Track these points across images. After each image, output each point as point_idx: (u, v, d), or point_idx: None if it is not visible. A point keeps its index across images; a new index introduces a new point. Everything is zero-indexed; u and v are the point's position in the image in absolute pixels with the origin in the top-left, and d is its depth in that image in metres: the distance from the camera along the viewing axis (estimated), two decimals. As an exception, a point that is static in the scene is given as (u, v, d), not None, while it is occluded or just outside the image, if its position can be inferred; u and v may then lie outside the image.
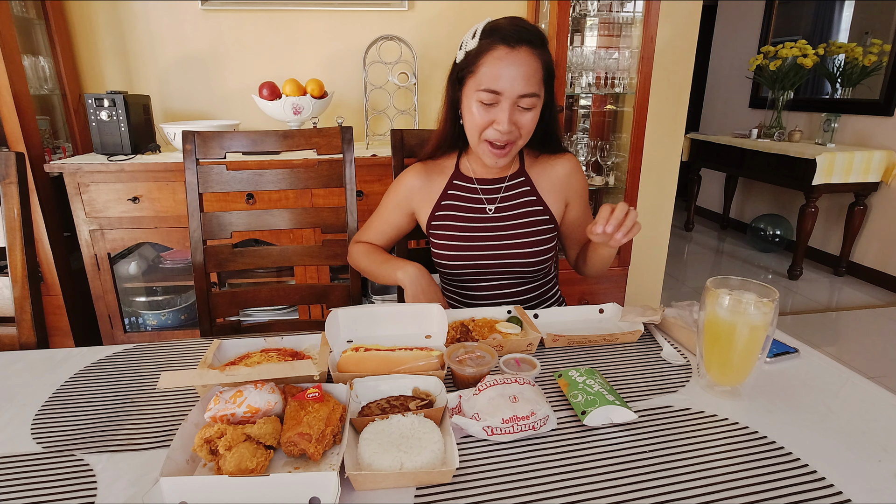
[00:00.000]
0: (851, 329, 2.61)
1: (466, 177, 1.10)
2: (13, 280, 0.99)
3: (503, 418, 0.62)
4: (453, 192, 1.10)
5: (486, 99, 0.93)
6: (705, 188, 4.61)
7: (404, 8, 2.16)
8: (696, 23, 2.27)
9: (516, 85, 0.91)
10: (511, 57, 0.91)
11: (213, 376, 0.65)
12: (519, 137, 0.98)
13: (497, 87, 0.91)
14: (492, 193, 1.09)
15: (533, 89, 0.92)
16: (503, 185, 1.09)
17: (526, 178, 1.09)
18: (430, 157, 1.13)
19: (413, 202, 1.12)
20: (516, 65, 0.90)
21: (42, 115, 1.95)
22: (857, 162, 2.94)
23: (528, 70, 0.91)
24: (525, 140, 0.99)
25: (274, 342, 0.85)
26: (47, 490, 0.56)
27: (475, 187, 1.09)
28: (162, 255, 2.13)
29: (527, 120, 0.95)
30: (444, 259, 1.09)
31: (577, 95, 2.20)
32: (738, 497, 0.54)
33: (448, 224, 1.09)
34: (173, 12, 2.08)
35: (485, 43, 0.92)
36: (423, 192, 1.11)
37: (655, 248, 2.57)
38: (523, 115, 0.95)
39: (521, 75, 0.91)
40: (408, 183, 1.12)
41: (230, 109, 2.23)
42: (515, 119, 0.94)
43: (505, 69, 0.90)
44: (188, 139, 1.14)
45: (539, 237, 1.07)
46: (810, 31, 3.57)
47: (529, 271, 1.08)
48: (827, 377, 0.77)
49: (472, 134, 0.99)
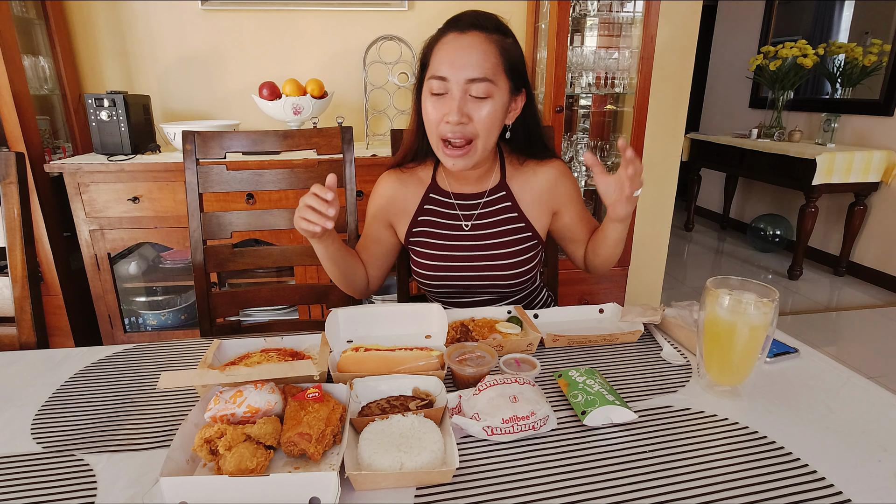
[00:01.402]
0: (851, 329, 2.61)
1: (443, 190, 1.05)
2: (13, 280, 0.99)
3: (503, 418, 0.62)
4: (430, 206, 1.05)
5: (436, 88, 0.88)
6: (705, 188, 4.61)
7: (404, 8, 2.16)
8: (696, 23, 2.27)
9: (464, 69, 0.85)
10: (459, 41, 0.87)
11: (213, 376, 0.65)
12: (476, 136, 0.90)
13: (444, 72, 0.86)
14: (469, 209, 1.04)
15: (483, 74, 0.86)
16: (481, 201, 1.03)
17: (507, 192, 1.03)
18: (399, 164, 1.08)
19: (390, 214, 1.07)
20: (463, 48, 0.86)
21: (42, 115, 1.95)
22: (857, 162, 2.94)
23: (477, 54, 0.86)
24: (486, 139, 0.91)
25: (274, 342, 0.85)
26: (47, 490, 0.56)
27: (451, 202, 1.04)
28: (162, 255, 2.13)
29: (482, 112, 0.88)
30: (422, 277, 1.06)
31: (577, 95, 2.20)
32: (738, 497, 0.54)
33: (425, 241, 1.05)
34: (173, 12, 2.08)
35: (438, 32, 0.91)
36: (399, 203, 1.06)
37: (655, 248, 2.57)
38: (477, 106, 0.88)
39: (468, 59, 0.85)
40: (382, 193, 1.06)
41: (230, 109, 2.23)
42: (467, 110, 0.87)
43: (453, 52, 0.86)
44: (188, 139, 1.14)
45: (519, 255, 1.02)
46: (810, 31, 3.57)
47: (510, 285, 1.04)
48: (827, 377, 0.77)
49: (431, 135, 0.93)
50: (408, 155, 1.06)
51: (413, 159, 1.07)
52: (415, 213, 1.06)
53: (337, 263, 0.94)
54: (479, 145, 0.92)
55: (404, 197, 1.07)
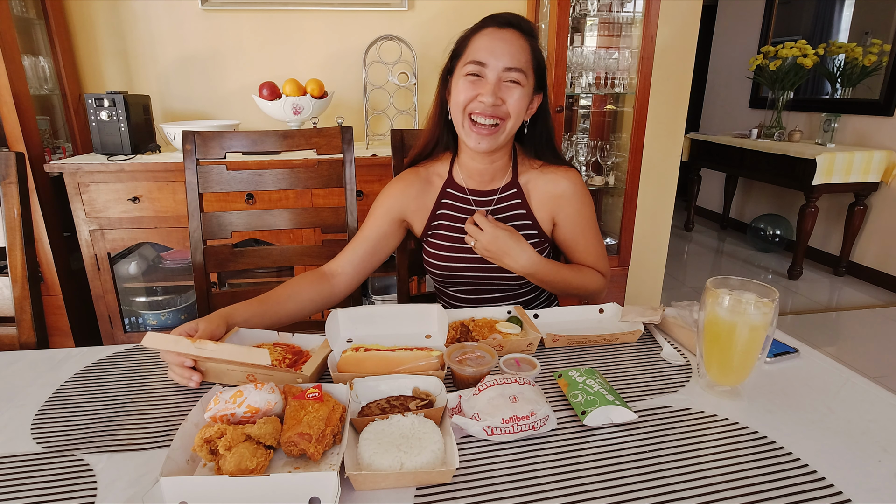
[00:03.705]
0: (851, 329, 2.61)
1: (460, 186, 1.08)
2: (13, 280, 0.99)
3: (503, 418, 0.62)
4: (447, 200, 1.08)
5: (473, 70, 0.94)
6: (705, 188, 4.61)
7: (404, 8, 2.16)
8: (696, 23, 2.27)
9: (503, 57, 0.92)
10: (499, 33, 0.93)
11: (185, 346, 0.71)
12: (507, 117, 0.95)
13: (482, 58, 0.93)
14: (483, 206, 1.07)
15: (519, 65, 0.92)
16: (495, 198, 1.06)
17: (518, 190, 1.06)
18: (417, 157, 1.11)
19: (407, 211, 1.08)
20: (503, 40, 0.93)
21: (42, 115, 1.95)
22: (857, 162, 2.94)
23: (514, 48, 0.93)
24: (513, 123, 0.96)
25: (285, 337, 0.87)
26: (47, 490, 0.56)
27: (467, 198, 1.07)
28: (162, 255, 2.13)
29: (514, 97, 0.94)
30: (434, 269, 1.09)
31: (577, 95, 2.20)
32: (738, 497, 0.54)
33: (441, 234, 1.08)
34: (173, 12, 2.08)
35: (476, 26, 0.97)
36: (418, 200, 1.08)
37: (655, 248, 2.57)
38: (510, 91, 0.93)
39: (507, 50, 0.92)
40: (400, 189, 1.08)
41: (230, 109, 2.23)
42: (501, 93, 0.93)
43: (492, 42, 0.93)
44: (188, 139, 1.14)
45: None
46: (810, 31, 3.57)
47: (519, 283, 1.08)
48: (827, 377, 0.77)
49: (457, 113, 0.97)
50: (428, 144, 1.09)
51: (432, 151, 1.10)
52: (433, 208, 1.09)
53: (277, 321, 0.93)
54: (508, 126, 0.96)
55: (423, 193, 1.09)
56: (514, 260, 0.96)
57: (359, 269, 1.05)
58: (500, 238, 0.95)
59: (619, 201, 2.19)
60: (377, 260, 1.07)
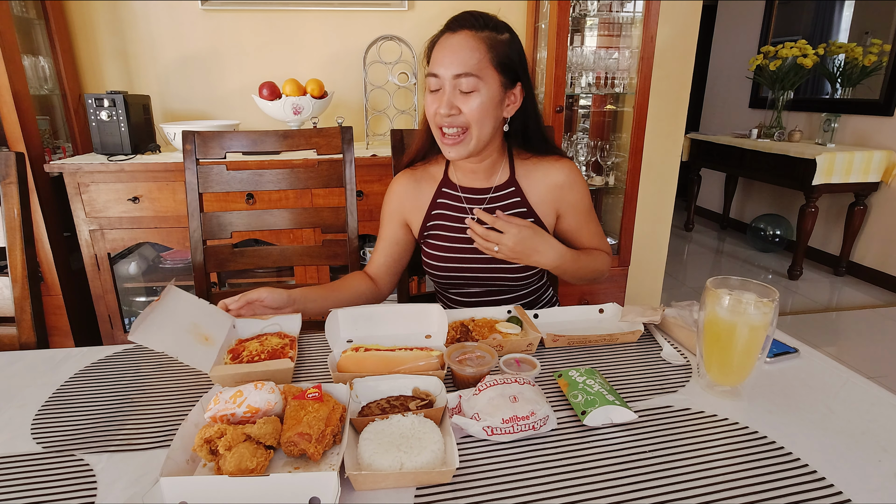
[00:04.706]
0: (851, 329, 2.61)
1: (453, 184, 1.08)
2: (13, 280, 0.99)
3: (503, 418, 0.62)
4: (442, 200, 1.08)
5: (432, 85, 0.95)
6: (705, 188, 4.61)
7: (404, 8, 2.16)
8: (696, 23, 2.27)
9: (451, 66, 0.92)
10: (449, 40, 0.93)
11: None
12: (468, 125, 0.94)
13: (435, 69, 0.94)
14: (476, 203, 1.06)
15: (467, 69, 0.91)
16: (487, 196, 1.06)
17: (516, 187, 1.05)
18: (412, 161, 1.12)
19: (405, 211, 1.10)
20: (452, 47, 0.92)
21: (42, 115, 1.95)
22: (857, 162, 2.94)
23: (463, 52, 0.91)
24: (479, 129, 0.95)
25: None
26: (47, 490, 0.56)
27: (460, 195, 1.07)
28: (162, 255, 2.13)
29: (470, 105, 0.93)
30: (432, 269, 1.09)
31: (576, 95, 2.21)
32: (738, 497, 0.54)
33: (438, 234, 1.08)
34: (173, 12, 2.08)
35: (436, 34, 0.97)
36: (413, 200, 1.09)
37: (655, 248, 2.57)
38: (465, 99, 0.93)
39: (455, 57, 0.92)
40: (397, 192, 1.10)
41: (230, 109, 2.23)
42: (456, 103, 0.93)
43: (442, 51, 0.93)
44: (188, 139, 1.14)
45: None
46: (810, 31, 3.57)
47: (517, 279, 1.07)
48: (827, 377, 0.77)
49: (432, 128, 0.99)
50: (420, 150, 1.09)
51: (424, 155, 1.11)
52: (428, 208, 1.09)
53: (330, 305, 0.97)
54: (474, 133, 0.95)
55: (418, 193, 1.10)
56: (543, 255, 0.95)
57: (392, 269, 1.13)
58: (526, 237, 0.93)
59: (619, 201, 2.19)
60: (403, 261, 1.15)
